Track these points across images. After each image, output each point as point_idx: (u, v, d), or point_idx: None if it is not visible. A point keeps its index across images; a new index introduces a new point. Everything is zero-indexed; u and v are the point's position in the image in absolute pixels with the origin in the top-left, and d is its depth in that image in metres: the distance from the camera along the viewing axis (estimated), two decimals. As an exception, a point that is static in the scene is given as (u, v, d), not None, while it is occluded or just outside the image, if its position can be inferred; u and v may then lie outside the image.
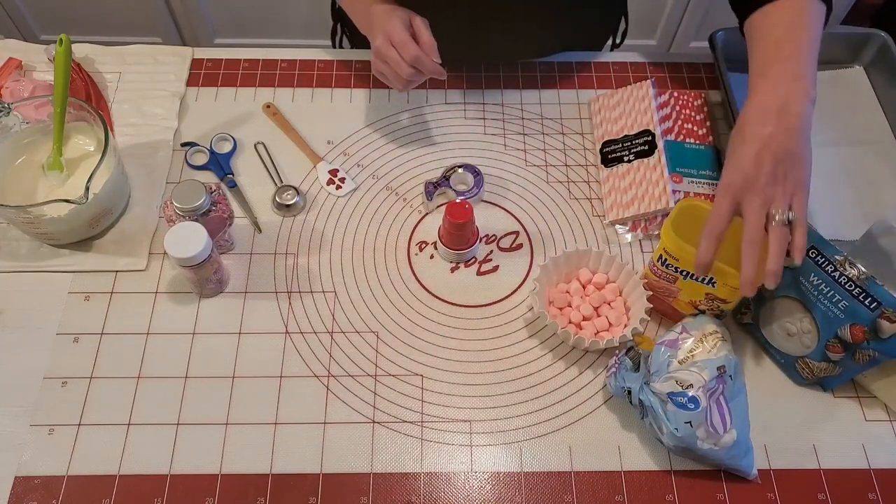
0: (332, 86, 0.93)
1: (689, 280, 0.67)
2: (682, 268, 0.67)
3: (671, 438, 0.62)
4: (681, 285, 0.69)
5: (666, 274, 0.69)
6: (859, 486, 0.67)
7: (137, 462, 0.67)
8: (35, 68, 0.92)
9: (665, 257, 0.68)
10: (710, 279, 0.66)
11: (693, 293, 0.69)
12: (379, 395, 0.71)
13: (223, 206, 0.74)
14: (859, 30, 0.95)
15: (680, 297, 0.71)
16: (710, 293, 0.67)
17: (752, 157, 0.61)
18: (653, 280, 0.72)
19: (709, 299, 0.68)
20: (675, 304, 0.72)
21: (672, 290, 0.71)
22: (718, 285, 0.66)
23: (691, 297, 0.70)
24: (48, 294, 0.76)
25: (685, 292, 0.70)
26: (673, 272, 0.68)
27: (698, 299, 0.69)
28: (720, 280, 0.65)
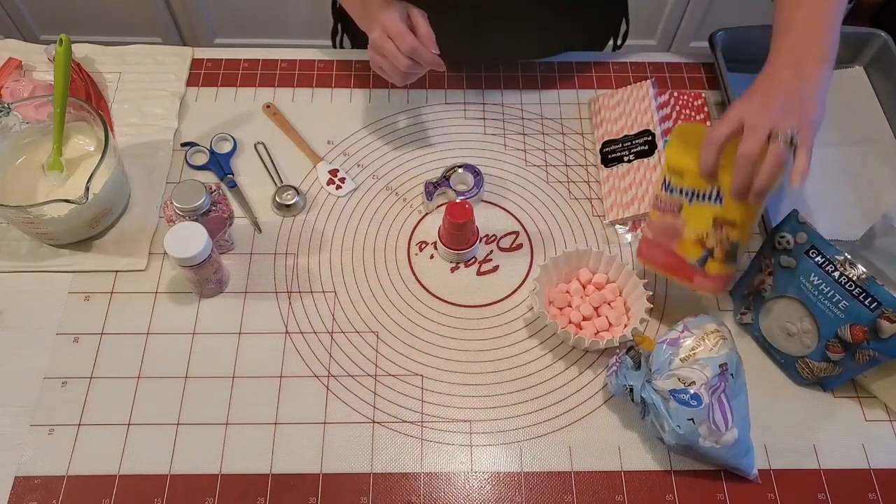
0: (332, 86, 0.93)
1: (696, 203, 0.63)
2: (687, 186, 0.63)
3: (673, 436, 0.62)
4: (686, 214, 0.65)
5: (670, 202, 0.65)
6: (859, 486, 0.67)
7: (137, 462, 0.67)
8: (35, 68, 0.92)
9: (668, 178, 0.64)
10: (717, 194, 0.62)
11: (700, 222, 0.64)
12: (379, 395, 0.71)
13: (223, 206, 0.74)
14: (859, 30, 0.95)
15: (685, 233, 0.66)
16: (718, 217, 0.63)
17: (762, 93, 0.61)
18: (656, 220, 0.67)
19: (717, 227, 0.63)
20: (679, 248, 0.67)
21: (676, 227, 0.66)
22: (727, 201, 0.62)
23: (698, 229, 0.65)
24: (48, 294, 0.76)
25: (691, 224, 0.65)
26: (678, 196, 0.64)
27: (705, 231, 0.64)
28: (728, 190, 0.61)
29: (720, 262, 0.66)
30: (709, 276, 0.67)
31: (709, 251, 0.66)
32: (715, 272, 0.66)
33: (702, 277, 0.68)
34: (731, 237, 0.64)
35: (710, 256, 0.66)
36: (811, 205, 0.84)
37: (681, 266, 0.68)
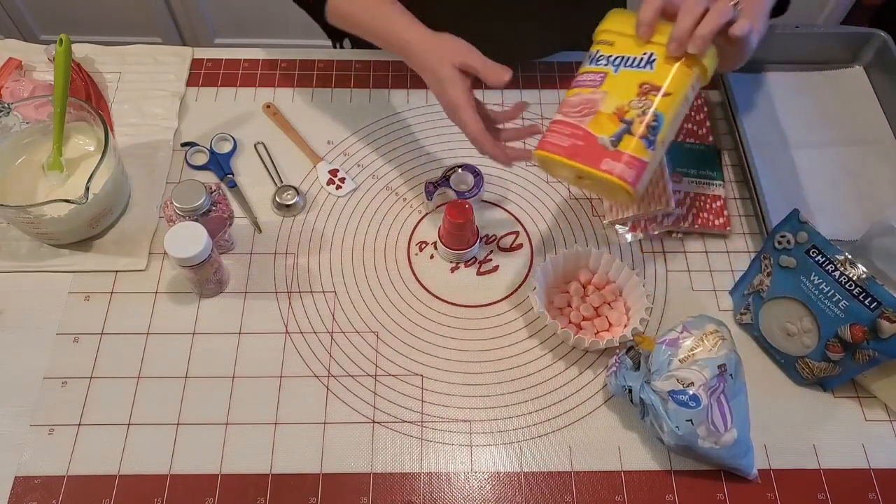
0: (332, 86, 0.93)
1: (623, 69, 0.58)
2: (616, 54, 0.59)
3: (672, 437, 0.62)
4: (608, 86, 0.59)
5: (592, 75, 0.59)
6: (859, 486, 0.67)
7: (137, 462, 0.67)
8: (35, 68, 0.92)
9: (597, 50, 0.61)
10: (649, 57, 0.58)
11: (623, 91, 0.58)
12: (379, 395, 0.71)
13: (223, 206, 0.74)
14: (859, 30, 0.95)
15: (603, 107, 0.58)
16: (646, 82, 0.57)
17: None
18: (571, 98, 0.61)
19: (642, 94, 0.57)
20: (591, 125, 0.58)
21: (593, 102, 0.58)
22: (658, 61, 0.58)
23: (620, 100, 0.58)
24: (48, 294, 0.76)
25: (613, 94, 0.58)
26: (603, 66, 0.59)
27: (628, 100, 0.58)
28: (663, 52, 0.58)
29: (638, 138, 0.58)
30: (621, 156, 0.58)
31: (628, 124, 0.58)
32: (630, 151, 0.58)
33: (611, 159, 0.58)
34: (657, 107, 0.58)
35: (629, 132, 0.58)
36: (811, 205, 0.84)
37: (589, 148, 0.58)
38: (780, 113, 0.92)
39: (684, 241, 0.82)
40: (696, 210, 0.81)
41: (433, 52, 0.66)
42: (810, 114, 0.92)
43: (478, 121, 0.64)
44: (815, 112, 0.92)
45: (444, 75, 0.64)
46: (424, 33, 0.67)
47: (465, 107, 0.64)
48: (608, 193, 0.64)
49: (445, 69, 0.64)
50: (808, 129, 0.91)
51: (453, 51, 0.65)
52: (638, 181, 0.57)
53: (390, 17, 0.69)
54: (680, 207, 0.80)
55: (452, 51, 0.65)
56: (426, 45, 0.66)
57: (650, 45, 0.58)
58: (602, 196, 0.70)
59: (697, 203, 0.81)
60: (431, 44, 0.66)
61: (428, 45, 0.66)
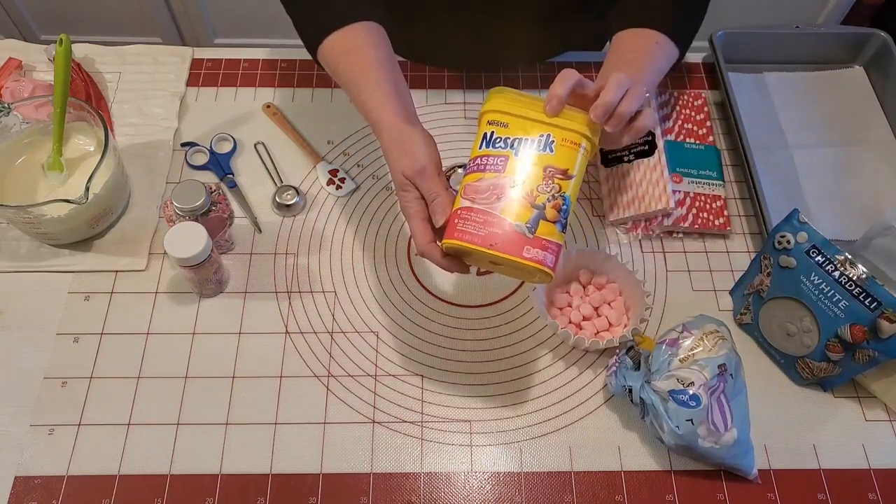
0: (332, 86, 0.93)
1: (523, 152, 0.57)
2: (513, 135, 0.57)
3: (672, 437, 0.62)
4: (512, 170, 0.57)
5: (493, 159, 0.57)
6: (859, 486, 0.67)
7: (137, 462, 0.67)
8: (35, 68, 0.92)
9: (492, 131, 0.58)
10: (547, 138, 0.57)
11: (530, 175, 0.57)
12: (379, 395, 0.71)
13: (223, 206, 0.74)
14: (859, 30, 0.95)
15: (512, 193, 0.56)
16: (550, 165, 0.57)
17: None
18: (474, 183, 0.57)
19: (548, 177, 0.57)
20: (504, 212, 0.56)
21: (499, 188, 0.56)
22: (557, 143, 0.57)
23: (527, 185, 0.57)
24: (48, 294, 0.76)
25: (518, 179, 0.57)
26: (501, 149, 0.57)
27: (536, 184, 0.57)
28: (560, 134, 0.57)
29: (552, 223, 0.57)
30: (540, 242, 0.56)
31: (540, 210, 0.56)
32: (547, 236, 0.56)
33: (531, 246, 0.56)
34: (562, 189, 0.57)
35: (543, 217, 0.57)
36: (811, 205, 0.84)
37: (507, 236, 0.56)
38: (780, 113, 0.92)
39: (684, 241, 0.82)
40: (696, 210, 0.81)
41: (393, 150, 0.61)
42: (810, 114, 0.92)
43: (425, 232, 0.59)
44: (815, 112, 0.92)
45: (395, 180, 0.62)
46: (395, 123, 0.62)
47: (414, 217, 0.59)
48: (524, 276, 0.62)
49: (396, 175, 0.61)
50: (808, 129, 0.91)
51: (410, 159, 0.60)
52: (557, 263, 0.58)
53: (371, 89, 0.65)
54: (680, 207, 0.80)
55: (410, 159, 0.60)
56: (392, 140, 0.62)
57: (545, 127, 0.58)
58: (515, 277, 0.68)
59: (697, 203, 0.81)
60: (396, 141, 0.62)
61: (394, 141, 0.62)
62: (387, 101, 0.63)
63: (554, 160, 0.57)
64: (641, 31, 0.74)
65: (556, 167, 0.57)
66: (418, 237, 0.59)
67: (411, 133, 0.61)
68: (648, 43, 0.73)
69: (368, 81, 0.65)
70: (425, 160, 0.59)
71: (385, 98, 0.64)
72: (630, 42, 0.74)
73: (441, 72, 0.94)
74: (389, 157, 0.62)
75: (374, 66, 0.66)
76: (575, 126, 0.58)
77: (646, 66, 0.71)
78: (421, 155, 0.60)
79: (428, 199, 0.59)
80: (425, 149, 0.60)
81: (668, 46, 0.74)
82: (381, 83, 0.65)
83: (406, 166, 0.60)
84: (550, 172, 0.57)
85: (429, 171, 0.59)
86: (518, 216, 0.56)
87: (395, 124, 0.62)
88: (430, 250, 0.59)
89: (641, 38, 0.74)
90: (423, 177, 0.59)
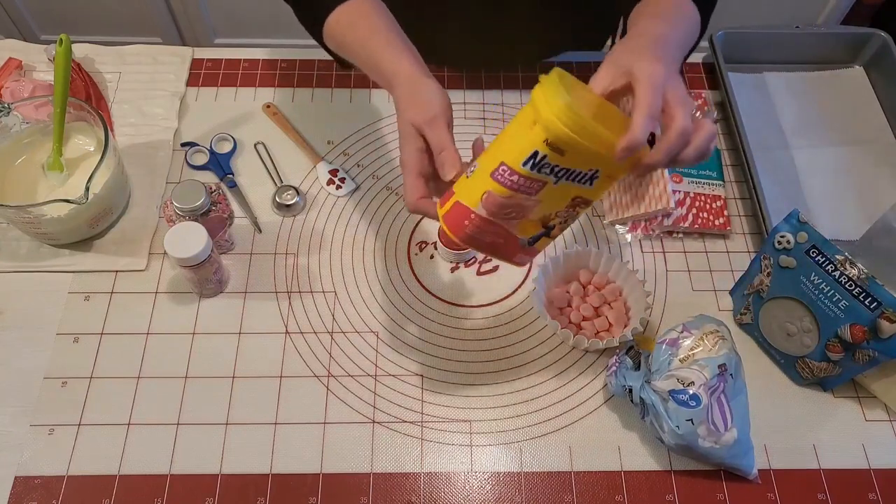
0: (332, 86, 0.93)
1: (563, 183, 0.51)
2: (564, 165, 0.50)
3: (672, 437, 0.62)
4: (545, 195, 0.52)
5: (530, 181, 0.50)
6: (859, 486, 0.67)
7: (137, 462, 0.67)
8: (35, 68, 0.92)
9: (545, 153, 0.49)
10: (593, 174, 0.51)
11: (556, 202, 0.53)
12: (379, 395, 0.71)
13: (223, 206, 0.74)
14: (859, 30, 0.95)
15: (531, 215, 0.54)
16: (580, 196, 0.53)
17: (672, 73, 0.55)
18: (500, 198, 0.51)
19: (571, 206, 0.54)
20: (518, 227, 0.54)
21: (524, 208, 0.53)
22: (600, 179, 0.52)
23: (548, 209, 0.54)
24: (48, 294, 0.76)
25: (544, 205, 0.53)
26: (546, 175, 0.50)
27: (556, 210, 0.54)
28: (608, 170, 0.52)
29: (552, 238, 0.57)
30: (532, 252, 0.58)
31: (548, 230, 0.56)
32: (540, 247, 0.58)
33: (523, 254, 0.58)
34: (578, 213, 0.56)
35: (547, 235, 0.56)
36: (811, 205, 0.84)
37: (507, 245, 0.56)
38: (780, 113, 0.92)
39: (684, 241, 0.82)
40: (696, 210, 0.81)
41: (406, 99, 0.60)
42: (810, 114, 0.92)
43: (417, 188, 0.58)
44: (815, 112, 0.93)
45: (401, 129, 0.60)
46: (411, 73, 0.61)
47: (411, 172, 0.58)
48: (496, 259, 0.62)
49: (404, 125, 0.59)
50: (808, 129, 0.91)
51: (423, 108, 0.58)
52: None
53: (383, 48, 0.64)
54: (680, 207, 0.80)
55: (422, 107, 0.58)
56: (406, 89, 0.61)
57: (598, 161, 0.51)
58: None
59: (697, 203, 0.81)
60: (409, 90, 0.60)
61: (407, 90, 0.61)
62: (401, 56, 0.63)
63: (586, 193, 0.53)
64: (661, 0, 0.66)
65: (584, 198, 0.54)
66: (410, 192, 0.58)
67: (427, 83, 0.60)
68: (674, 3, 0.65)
69: (379, 42, 0.64)
70: (438, 110, 0.58)
71: (399, 54, 0.63)
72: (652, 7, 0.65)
73: (441, 71, 0.94)
74: (400, 106, 0.60)
75: (382, 29, 0.65)
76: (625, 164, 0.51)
77: (678, 22, 0.63)
78: (435, 105, 0.58)
79: (435, 150, 0.57)
80: (439, 100, 0.59)
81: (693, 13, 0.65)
82: (392, 42, 0.64)
83: (418, 113, 0.58)
84: (577, 202, 0.54)
85: (440, 121, 0.58)
86: (526, 233, 0.55)
87: (411, 74, 0.61)
88: (423, 206, 0.57)
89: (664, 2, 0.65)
90: (433, 126, 0.57)
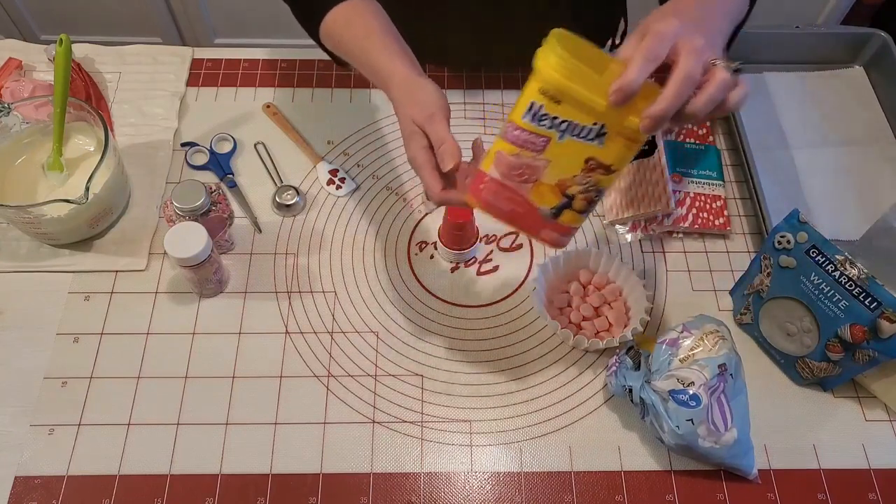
0: (332, 86, 0.93)
1: (568, 139, 0.50)
2: (562, 117, 0.49)
3: (672, 437, 0.62)
4: (552, 153, 0.51)
5: (533, 137, 0.51)
6: (859, 486, 0.67)
7: (137, 462, 0.67)
8: (35, 68, 0.92)
9: (539, 104, 0.49)
10: (599, 129, 0.49)
11: (568, 164, 0.52)
12: (379, 395, 0.71)
13: (223, 206, 0.74)
14: (859, 30, 0.95)
15: (544, 177, 0.53)
16: (592, 158, 0.51)
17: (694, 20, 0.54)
18: (508, 155, 0.52)
19: (587, 170, 0.52)
20: (531, 193, 0.54)
21: (534, 168, 0.52)
22: (610, 136, 0.50)
23: (562, 173, 0.52)
24: (48, 294, 0.76)
25: (555, 166, 0.52)
26: (546, 129, 0.50)
27: (572, 174, 0.52)
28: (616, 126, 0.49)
29: (577, 212, 0.55)
30: (559, 228, 0.56)
31: (569, 199, 0.54)
32: (568, 222, 0.56)
33: (550, 230, 0.56)
34: (600, 183, 0.53)
35: (569, 206, 0.54)
36: (811, 205, 0.84)
37: (528, 215, 0.55)
38: (780, 113, 0.92)
39: (684, 241, 0.82)
40: (696, 210, 0.81)
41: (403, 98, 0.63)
42: (810, 114, 0.92)
43: (437, 181, 0.59)
44: (815, 112, 0.92)
45: (403, 128, 0.62)
46: (406, 75, 0.63)
47: (425, 167, 0.59)
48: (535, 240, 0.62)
49: (406, 123, 0.62)
50: (808, 129, 0.91)
51: (421, 106, 0.61)
52: (568, 243, 0.58)
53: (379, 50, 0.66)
54: (680, 207, 0.80)
55: (420, 105, 0.61)
56: (402, 89, 0.63)
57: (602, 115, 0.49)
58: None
59: (697, 203, 0.81)
60: (406, 90, 0.63)
61: (404, 90, 0.63)
62: (395, 57, 0.65)
63: (600, 154, 0.51)
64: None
65: (599, 161, 0.51)
66: (432, 186, 0.59)
67: (422, 82, 0.63)
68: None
69: (374, 43, 0.67)
70: (435, 107, 0.60)
71: (393, 55, 0.65)
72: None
73: (441, 71, 0.94)
74: (399, 106, 0.63)
75: (377, 30, 0.68)
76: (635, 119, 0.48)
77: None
78: (431, 102, 0.61)
79: (436, 144, 0.59)
80: (436, 97, 0.61)
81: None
82: (388, 44, 0.67)
83: (416, 112, 0.61)
84: (592, 165, 0.52)
85: (438, 116, 0.60)
86: (545, 201, 0.54)
87: (407, 75, 0.64)
88: (447, 196, 0.59)
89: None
90: (433, 122, 0.59)
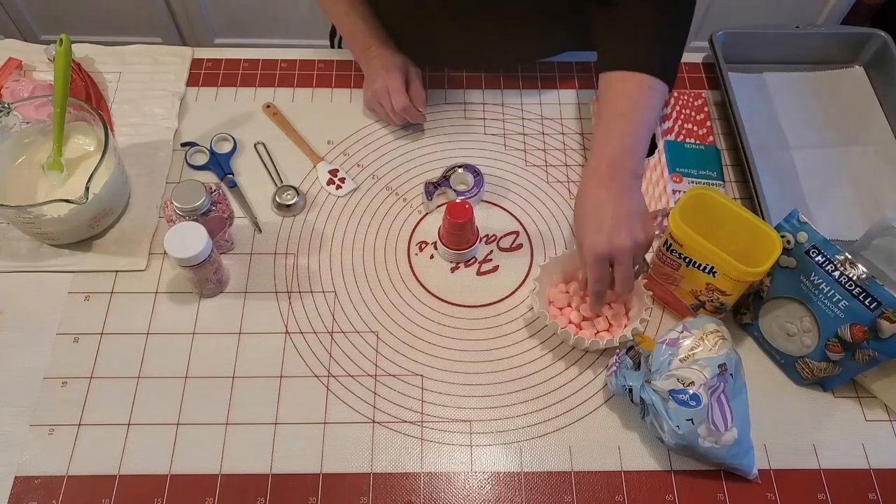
0: (332, 86, 0.93)
1: (692, 268, 0.68)
2: (685, 254, 0.68)
3: (672, 436, 0.62)
4: (683, 273, 0.70)
5: (670, 260, 0.70)
6: (859, 486, 0.67)
7: (137, 462, 0.67)
8: (35, 68, 0.92)
9: (670, 243, 0.68)
10: (710, 268, 0.67)
11: (694, 282, 0.70)
12: (379, 395, 0.71)
13: (223, 206, 0.74)
14: (859, 30, 0.95)
15: (682, 284, 0.71)
16: (710, 283, 0.68)
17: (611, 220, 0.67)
18: (658, 266, 0.72)
19: (709, 290, 0.69)
20: (676, 291, 0.73)
21: (675, 278, 0.71)
22: (719, 275, 0.66)
23: (693, 286, 0.70)
24: (48, 294, 0.76)
25: (687, 280, 0.70)
26: (676, 258, 0.69)
27: (699, 289, 0.70)
28: (721, 270, 0.66)
29: (710, 312, 0.72)
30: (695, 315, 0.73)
31: (701, 303, 0.72)
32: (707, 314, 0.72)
33: (691, 316, 0.72)
34: (721, 300, 0.69)
35: (703, 307, 0.72)
36: (811, 205, 0.84)
37: (677, 303, 0.75)
38: (780, 113, 0.92)
39: (684, 241, 0.82)
40: (697, 210, 0.81)
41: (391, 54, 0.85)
42: (810, 114, 0.92)
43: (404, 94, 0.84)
44: (815, 112, 0.93)
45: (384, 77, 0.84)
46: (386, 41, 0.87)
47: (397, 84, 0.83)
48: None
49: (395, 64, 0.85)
50: (808, 129, 0.91)
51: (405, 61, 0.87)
52: None
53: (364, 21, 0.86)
54: (680, 207, 0.81)
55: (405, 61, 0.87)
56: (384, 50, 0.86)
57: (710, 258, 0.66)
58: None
59: (697, 203, 0.82)
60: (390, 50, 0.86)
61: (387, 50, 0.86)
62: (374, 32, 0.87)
63: (714, 282, 0.68)
64: (631, 76, 0.72)
65: (716, 287, 0.68)
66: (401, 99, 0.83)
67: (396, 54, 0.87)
68: (642, 90, 0.72)
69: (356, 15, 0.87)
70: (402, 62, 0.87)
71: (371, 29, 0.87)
72: (622, 90, 0.73)
73: (441, 71, 0.94)
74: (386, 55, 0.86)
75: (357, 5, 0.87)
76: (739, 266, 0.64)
77: (643, 118, 0.72)
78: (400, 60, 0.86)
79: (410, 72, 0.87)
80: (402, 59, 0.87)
81: (660, 87, 0.73)
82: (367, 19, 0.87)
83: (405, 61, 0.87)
84: (711, 288, 0.68)
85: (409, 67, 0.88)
86: (686, 298, 0.73)
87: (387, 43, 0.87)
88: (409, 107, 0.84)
89: (633, 85, 0.72)
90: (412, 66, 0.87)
